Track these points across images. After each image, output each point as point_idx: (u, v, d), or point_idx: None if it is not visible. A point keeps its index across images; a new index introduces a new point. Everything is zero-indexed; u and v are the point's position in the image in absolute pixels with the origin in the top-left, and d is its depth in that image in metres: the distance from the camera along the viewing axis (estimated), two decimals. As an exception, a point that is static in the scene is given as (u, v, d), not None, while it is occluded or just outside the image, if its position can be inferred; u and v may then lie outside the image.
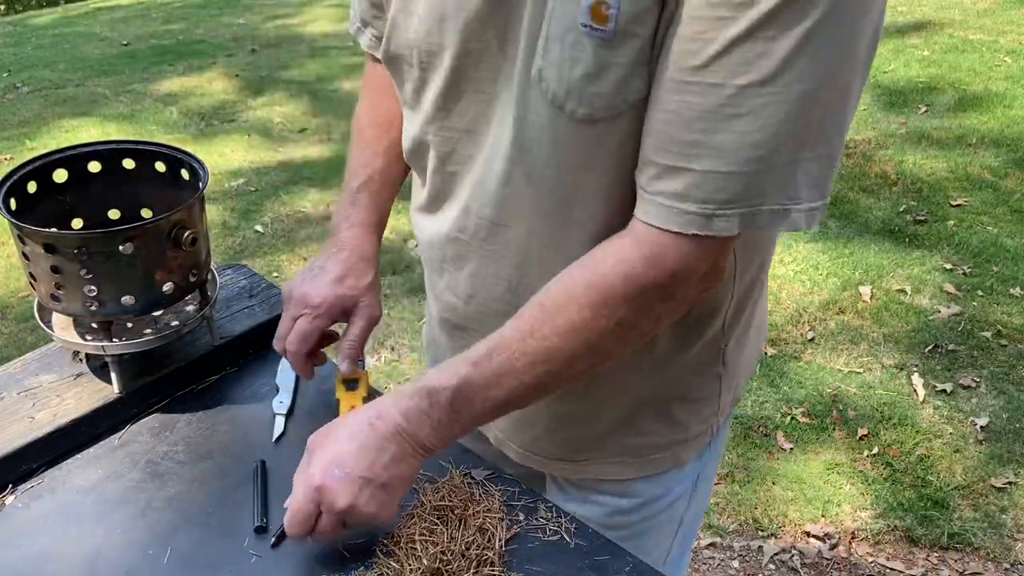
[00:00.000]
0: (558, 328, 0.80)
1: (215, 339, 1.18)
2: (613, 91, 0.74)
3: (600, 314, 0.79)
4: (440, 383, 0.84)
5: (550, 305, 0.81)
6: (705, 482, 1.16)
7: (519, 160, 0.83)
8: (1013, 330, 2.87)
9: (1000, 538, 2.14)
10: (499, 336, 0.83)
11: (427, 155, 0.95)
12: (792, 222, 0.73)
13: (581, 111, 0.76)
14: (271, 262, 3.44)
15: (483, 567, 0.88)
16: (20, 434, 1.03)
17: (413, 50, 0.87)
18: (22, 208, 1.07)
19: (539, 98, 0.78)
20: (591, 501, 1.11)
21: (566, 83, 0.75)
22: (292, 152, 4.44)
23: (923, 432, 2.46)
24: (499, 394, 0.84)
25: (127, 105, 5.16)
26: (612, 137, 0.78)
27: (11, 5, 10.69)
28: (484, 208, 0.90)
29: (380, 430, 0.85)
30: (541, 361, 0.81)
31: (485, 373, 0.83)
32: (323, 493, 0.84)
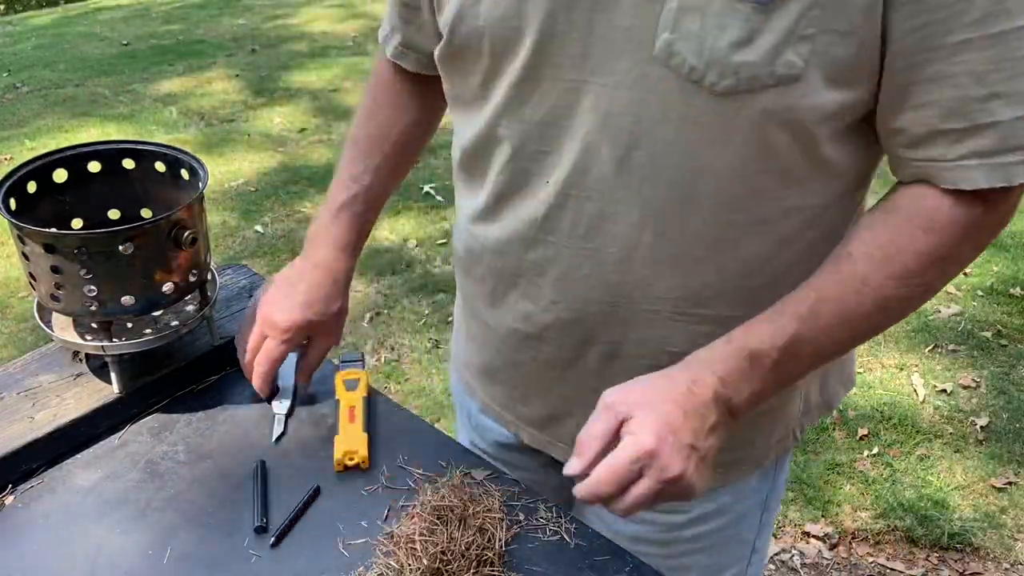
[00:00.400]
0: (896, 273, 0.78)
1: (215, 339, 1.18)
2: (762, 61, 0.71)
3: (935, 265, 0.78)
4: (764, 343, 0.79)
5: (880, 254, 0.78)
6: (775, 503, 1.11)
7: (637, 145, 0.79)
8: (1013, 330, 2.87)
9: (1000, 538, 2.14)
10: (815, 290, 0.79)
11: (492, 154, 0.90)
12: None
13: (723, 83, 0.73)
14: (271, 262, 3.44)
15: (483, 567, 0.88)
16: (20, 434, 1.03)
17: (484, 37, 0.83)
18: (22, 208, 1.07)
19: (666, 75, 0.74)
20: (641, 519, 1.05)
21: (708, 53, 0.72)
22: (292, 152, 4.44)
23: (923, 432, 2.46)
24: (825, 349, 0.81)
25: (127, 105, 5.15)
26: (751, 112, 0.74)
27: (11, 5, 10.69)
28: (586, 203, 0.84)
29: (700, 396, 0.78)
30: (878, 309, 0.79)
31: (814, 328, 0.79)
32: (657, 458, 0.75)
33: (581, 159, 0.83)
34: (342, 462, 1.02)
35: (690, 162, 0.78)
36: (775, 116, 0.75)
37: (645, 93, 0.76)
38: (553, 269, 0.90)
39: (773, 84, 0.72)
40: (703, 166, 0.78)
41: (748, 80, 0.72)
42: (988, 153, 0.73)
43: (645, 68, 0.75)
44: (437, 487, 0.97)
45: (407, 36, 1.03)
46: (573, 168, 0.83)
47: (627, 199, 0.82)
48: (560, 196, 0.86)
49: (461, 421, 1.26)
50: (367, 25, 6.68)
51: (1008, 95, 0.70)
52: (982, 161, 0.73)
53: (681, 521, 1.06)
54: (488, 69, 0.85)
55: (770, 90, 0.73)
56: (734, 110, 0.74)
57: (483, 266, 0.99)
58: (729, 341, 0.80)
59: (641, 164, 0.80)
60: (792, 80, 0.72)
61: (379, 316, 3.08)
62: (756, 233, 0.83)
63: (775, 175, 0.80)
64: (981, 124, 0.72)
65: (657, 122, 0.77)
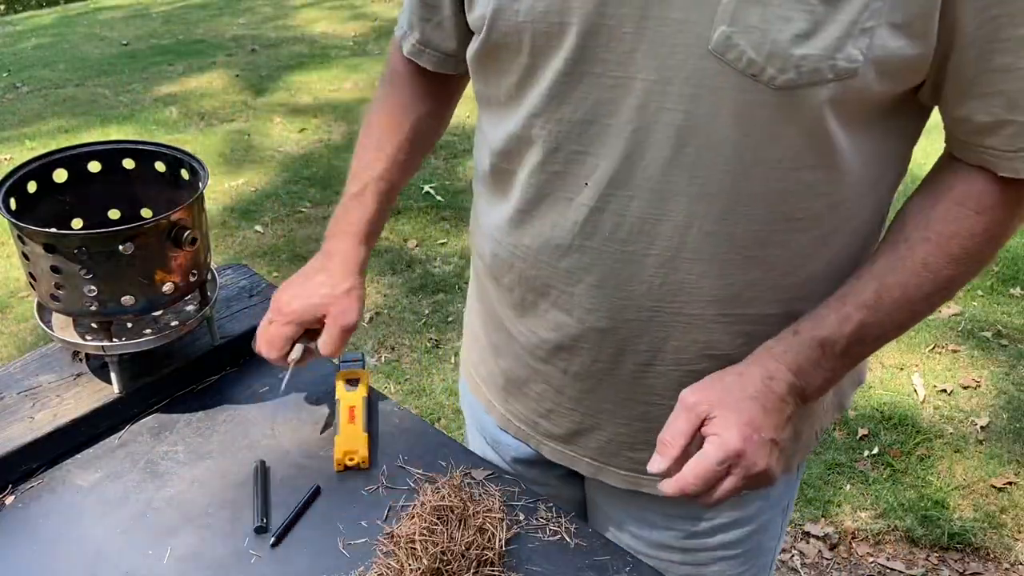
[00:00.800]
0: (954, 255, 0.80)
1: (215, 339, 1.18)
2: (824, 54, 0.70)
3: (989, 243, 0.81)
4: (834, 332, 0.81)
5: (937, 238, 0.80)
6: (791, 508, 1.12)
7: (687, 142, 0.77)
8: (1013, 330, 2.87)
9: (1000, 538, 2.14)
10: (876, 278, 0.82)
11: (523, 157, 0.88)
12: None
13: (783, 77, 0.71)
14: (271, 262, 3.44)
15: (483, 567, 0.88)
16: (20, 434, 1.03)
17: (525, 33, 0.80)
18: (22, 208, 1.07)
19: (721, 70, 0.73)
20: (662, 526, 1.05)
21: (768, 47, 0.70)
22: (292, 152, 4.44)
23: (923, 432, 2.46)
24: (888, 332, 0.83)
25: (127, 105, 5.15)
26: (808, 107, 0.74)
27: (11, 5, 10.69)
28: (630, 203, 0.82)
29: (777, 390, 0.80)
30: (938, 290, 0.81)
31: (880, 314, 0.81)
32: (744, 458, 0.78)
33: (626, 158, 0.80)
34: (342, 462, 1.02)
35: (742, 158, 0.77)
36: (831, 110, 0.74)
37: (698, 88, 0.74)
38: (590, 276, 0.88)
39: (833, 78, 0.71)
40: (756, 161, 0.77)
41: (809, 74, 0.71)
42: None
43: (700, 63, 0.73)
44: (437, 487, 0.97)
45: (425, 34, 1.01)
46: (616, 168, 0.81)
47: (675, 197, 0.80)
48: (601, 198, 0.83)
49: (472, 434, 1.23)
50: (367, 26, 6.68)
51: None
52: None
53: (705, 528, 1.04)
54: (527, 67, 0.83)
55: (828, 84, 0.72)
56: (791, 105, 0.73)
57: (513, 274, 0.96)
58: (797, 332, 0.82)
59: (691, 161, 0.78)
60: (851, 74, 0.71)
61: (379, 316, 3.08)
62: (803, 229, 0.83)
63: (824, 168, 0.79)
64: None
65: (710, 118, 0.76)
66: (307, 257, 3.90)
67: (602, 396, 0.97)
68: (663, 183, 0.80)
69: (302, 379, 1.18)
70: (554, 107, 0.82)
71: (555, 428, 1.03)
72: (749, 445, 0.77)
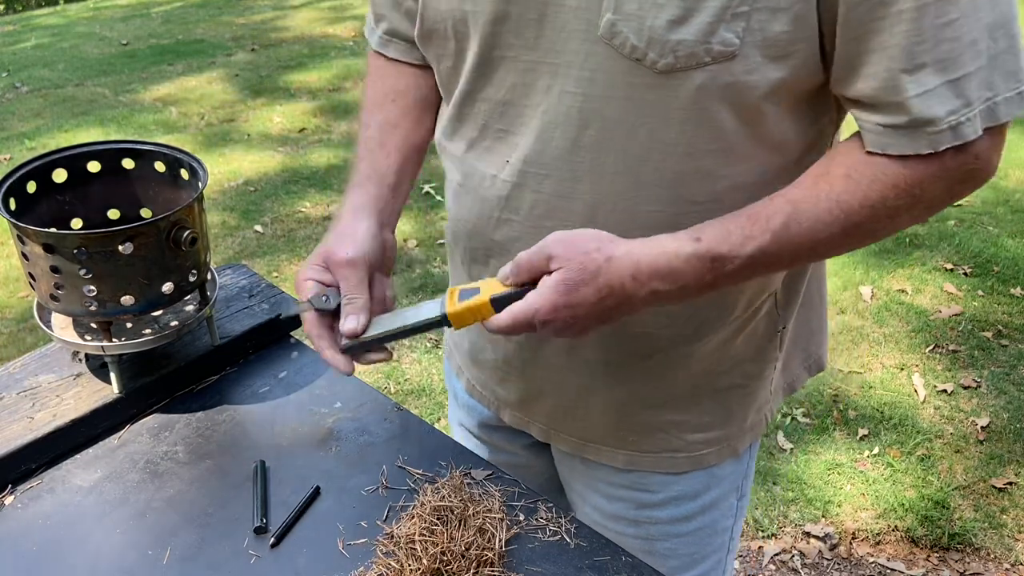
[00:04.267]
0: (871, 201, 0.78)
1: (215, 339, 1.18)
2: (698, 39, 0.74)
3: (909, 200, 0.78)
4: (732, 250, 0.80)
5: (858, 177, 0.78)
6: (745, 497, 1.14)
7: (587, 124, 0.82)
8: (1013, 330, 2.87)
9: (1001, 538, 2.14)
10: (791, 203, 0.80)
11: (461, 132, 0.93)
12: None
13: (663, 61, 0.75)
14: (271, 262, 3.44)
15: (483, 567, 0.88)
16: (19, 434, 1.03)
17: (447, 20, 0.86)
18: (22, 208, 1.07)
19: (610, 55, 0.77)
20: (614, 496, 1.10)
21: (647, 32, 0.74)
22: (292, 152, 4.44)
23: (924, 432, 2.46)
24: (781, 262, 0.83)
25: (127, 105, 5.15)
26: (692, 89, 0.77)
27: (11, 5, 10.68)
28: (544, 181, 0.87)
29: (631, 290, 0.81)
30: (844, 234, 0.80)
31: (782, 243, 0.80)
32: (546, 327, 0.83)
33: (538, 138, 0.85)
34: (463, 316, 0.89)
35: (637, 140, 0.81)
36: (716, 93, 0.77)
37: (592, 72, 0.79)
38: (519, 247, 0.89)
39: (710, 61, 0.75)
40: (651, 145, 0.81)
41: (686, 58, 0.75)
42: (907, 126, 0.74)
43: (592, 47, 0.78)
44: (437, 487, 0.97)
45: (393, 23, 1.05)
46: (531, 147, 0.86)
47: (581, 178, 0.85)
48: (520, 175, 0.88)
49: (450, 401, 1.30)
50: (367, 25, 6.67)
51: (933, 63, 0.72)
52: (912, 130, 0.74)
53: (655, 501, 1.09)
54: (455, 51, 0.89)
55: (708, 67, 0.75)
56: (675, 87, 0.77)
57: (460, 246, 1.01)
58: (699, 240, 0.80)
59: (592, 143, 0.83)
60: (729, 57, 0.75)
61: (379, 316, 3.08)
62: (708, 211, 0.84)
63: (721, 152, 0.82)
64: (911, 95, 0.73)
65: (604, 101, 0.80)
66: (307, 257, 3.89)
67: (544, 364, 1.02)
68: (570, 163, 0.85)
69: (305, 374, 1.18)
70: (480, 88, 0.88)
71: (509, 395, 1.10)
72: (557, 320, 0.82)
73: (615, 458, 1.07)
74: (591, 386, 1.02)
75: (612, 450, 1.06)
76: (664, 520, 1.09)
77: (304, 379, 1.18)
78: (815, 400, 2.59)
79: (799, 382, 1.12)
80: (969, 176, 0.79)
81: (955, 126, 0.73)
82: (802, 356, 1.11)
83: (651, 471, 1.06)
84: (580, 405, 1.04)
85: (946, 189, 0.78)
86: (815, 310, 1.11)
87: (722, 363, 1.00)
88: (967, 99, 0.73)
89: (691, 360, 0.98)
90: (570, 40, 0.79)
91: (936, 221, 3.50)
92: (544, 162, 0.86)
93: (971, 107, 0.73)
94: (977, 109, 0.73)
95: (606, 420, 1.04)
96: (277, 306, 1.26)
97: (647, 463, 1.06)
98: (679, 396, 1.01)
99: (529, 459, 1.21)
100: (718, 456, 1.06)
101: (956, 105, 0.73)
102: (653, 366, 0.98)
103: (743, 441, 1.07)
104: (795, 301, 1.02)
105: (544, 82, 0.82)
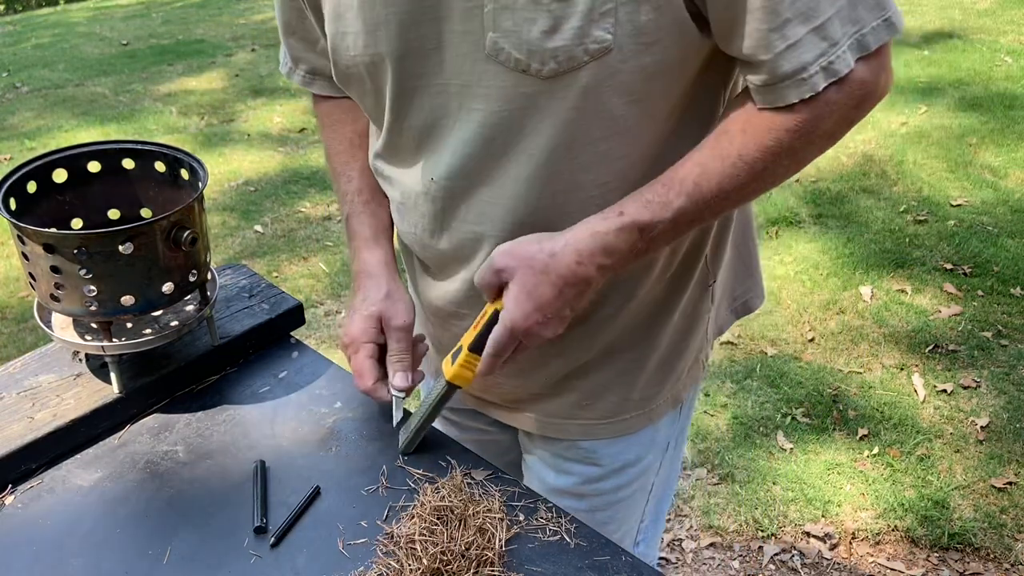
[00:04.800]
0: (767, 147, 0.83)
1: (215, 339, 1.18)
2: (573, 43, 0.79)
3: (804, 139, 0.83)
4: (655, 217, 0.86)
5: (753, 129, 0.83)
6: (677, 448, 1.21)
7: (494, 136, 0.87)
8: (1013, 330, 2.87)
9: (1000, 538, 2.14)
10: (699, 165, 0.85)
11: (395, 158, 0.99)
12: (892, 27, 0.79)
13: (547, 68, 0.80)
14: (271, 262, 3.44)
15: (483, 567, 0.88)
16: (20, 434, 1.03)
17: (359, 65, 0.92)
18: (22, 208, 1.07)
19: (499, 70, 0.82)
20: (564, 471, 1.16)
21: (526, 45, 0.80)
22: (292, 152, 4.44)
23: (923, 432, 2.46)
24: (704, 217, 0.88)
25: (127, 105, 5.16)
26: (581, 87, 0.82)
27: (11, 5, 10.68)
28: (468, 194, 0.93)
29: (583, 273, 0.87)
30: (754, 181, 0.85)
31: (698, 201, 0.85)
32: (528, 336, 0.89)
33: (454, 154, 0.91)
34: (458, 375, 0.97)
35: (539, 142, 0.87)
36: (603, 85, 0.82)
37: (488, 88, 0.85)
38: (465, 254, 0.98)
39: (589, 59, 0.80)
40: (552, 144, 0.86)
41: (566, 61, 0.80)
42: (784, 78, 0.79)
43: (485, 66, 0.83)
44: (437, 487, 0.97)
45: (311, 63, 1.11)
46: (449, 164, 0.92)
47: (499, 183, 0.91)
48: (446, 190, 0.94)
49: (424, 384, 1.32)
50: (367, 25, 6.67)
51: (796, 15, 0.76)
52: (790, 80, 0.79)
53: (602, 474, 1.14)
54: (374, 91, 0.94)
55: (590, 65, 0.80)
56: (563, 89, 0.82)
57: (415, 260, 1.09)
58: (622, 214, 0.87)
59: (500, 152, 0.88)
60: (605, 51, 0.79)
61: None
62: (618, 188, 0.90)
63: (617, 135, 0.87)
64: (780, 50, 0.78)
65: (505, 113, 0.85)
66: (307, 257, 3.90)
67: None
68: (486, 172, 0.90)
69: (305, 374, 1.18)
70: (404, 116, 0.93)
71: None
72: (532, 327, 0.88)
73: (570, 431, 1.11)
74: (542, 362, 1.06)
75: (565, 421, 1.11)
76: (608, 490, 1.16)
77: (304, 379, 1.18)
78: (815, 400, 2.59)
79: (727, 324, 1.19)
80: (860, 100, 0.83)
81: (826, 67, 0.78)
82: (728, 300, 1.17)
83: (607, 438, 1.11)
84: (533, 384, 1.09)
85: (841, 118, 0.83)
86: (741, 256, 1.16)
87: (658, 319, 1.05)
88: (832, 39, 0.77)
89: (624, 318, 1.03)
90: (465, 62, 0.84)
91: (936, 221, 3.50)
92: (464, 175, 0.92)
93: (838, 45, 0.77)
94: (845, 45, 0.78)
95: (557, 391, 1.09)
96: (277, 306, 1.26)
97: (602, 430, 1.11)
98: (620, 355, 1.06)
99: (495, 434, 1.25)
100: (664, 407, 1.12)
101: (823, 48, 0.77)
102: (591, 328, 1.03)
103: (685, 388, 1.13)
104: (722, 254, 1.08)
105: (455, 103, 0.88)
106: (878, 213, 3.59)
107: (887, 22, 0.79)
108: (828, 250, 3.33)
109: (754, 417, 2.53)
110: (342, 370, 1.20)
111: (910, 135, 4.23)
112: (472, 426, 1.27)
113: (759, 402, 2.59)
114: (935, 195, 3.71)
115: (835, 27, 0.77)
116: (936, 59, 5.13)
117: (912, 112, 4.48)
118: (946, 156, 4.02)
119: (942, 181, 3.81)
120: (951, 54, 5.20)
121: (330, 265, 3.43)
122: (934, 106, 4.53)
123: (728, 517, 2.23)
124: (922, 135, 4.22)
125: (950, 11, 6.03)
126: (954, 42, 5.39)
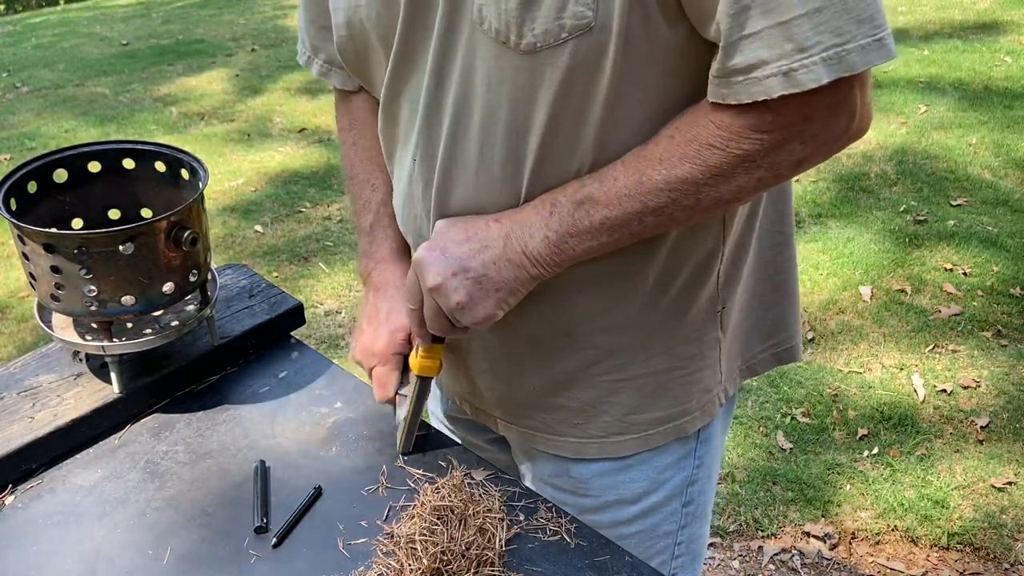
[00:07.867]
0: (689, 156, 0.79)
1: (215, 339, 1.18)
2: (550, 16, 0.76)
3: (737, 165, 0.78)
4: (563, 194, 0.86)
5: (680, 138, 0.80)
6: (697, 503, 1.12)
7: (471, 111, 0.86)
8: (1013, 330, 2.87)
9: (1000, 538, 2.14)
10: (621, 162, 0.84)
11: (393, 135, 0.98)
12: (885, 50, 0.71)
13: (524, 42, 0.78)
14: (271, 262, 3.44)
15: (483, 567, 0.88)
16: (20, 434, 1.03)
17: (371, 33, 0.92)
18: (22, 208, 1.07)
19: (484, 39, 0.81)
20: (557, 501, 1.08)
21: (504, 16, 0.77)
22: (292, 152, 4.44)
23: (923, 432, 2.46)
24: (617, 217, 0.84)
25: (127, 105, 5.16)
26: (559, 65, 0.79)
27: (11, 5, 10.68)
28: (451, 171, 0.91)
29: (492, 230, 0.88)
30: (671, 190, 0.81)
31: (608, 193, 0.83)
32: (419, 267, 0.89)
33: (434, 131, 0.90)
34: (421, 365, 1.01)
35: (517, 121, 0.84)
36: (583, 66, 0.78)
37: (473, 59, 0.83)
38: None
39: (569, 36, 0.77)
40: (529, 123, 0.84)
41: (543, 35, 0.77)
42: (734, 72, 0.73)
43: (471, 35, 0.82)
44: (437, 487, 0.97)
45: (330, 53, 1.07)
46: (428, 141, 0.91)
47: (482, 169, 0.89)
48: (426, 170, 0.93)
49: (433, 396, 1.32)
50: (367, 25, 6.67)
51: (757, 5, 0.70)
52: (746, 77, 0.73)
53: (595, 505, 1.09)
54: (384, 62, 0.93)
55: (569, 43, 0.77)
56: (544, 66, 0.79)
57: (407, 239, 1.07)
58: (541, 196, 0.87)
59: (477, 130, 0.86)
60: (585, 29, 0.76)
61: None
62: None
63: (602, 122, 0.83)
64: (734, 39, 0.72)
65: (484, 85, 0.83)
66: (307, 257, 3.89)
67: (480, 356, 1.06)
68: (462, 152, 0.88)
69: (305, 374, 1.18)
70: (393, 95, 0.93)
71: (459, 386, 1.14)
72: (426, 255, 0.88)
73: (562, 447, 1.07)
74: (523, 370, 1.03)
75: (558, 438, 1.07)
76: (605, 524, 1.08)
77: (304, 379, 1.18)
78: (815, 400, 2.59)
79: (763, 366, 1.12)
80: (820, 134, 0.75)
81: (787, 72, 0.71)
82: (761, 338, 1.10)
83: (598, 458, 1.06)
84: (518, 391, 1.05)
85: (796, 147, 0.76)
86: (785, 296, 1.10)
87: (652, 339, 0.99)
88: (800, 44, 0.70)
89: (612, 334, 0.98)
90: (454, 31, 0.83)
91: (936, 221, 3.50)
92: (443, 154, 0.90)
93: (806, 53, 0.70)
94: (818, 56, 0.70)
95: (546, 406, 1.05)
96: (277, 306, 1.26)
97: (593, 450, 1.06)
98: (608, 372, 1.01)
99: (495, 452, 1.22)
100: (664, 436, 1.05)
101: (786, 49, 0.70)
102: (577, 341, 0.99)
103: (692, 423, 1.05)
104: (736, 282, 1.02)
105: (431, 80, 0.87)
106: (878, 213, 3.59)
107: (879, 43, 0.70)
108: (828, 250, 3.33)
109: (754, 417, 2.53)
110: (342, 370, 1.20)
111: (910, 135, 4.24)
112: (472, 442, 1.24)
113: (759, 402, 2.59)
114: (935, 195, 3.71)
115: (804, 30, 0.69)
116: (936, 59, 5.13)
117: (912, 112, 4.48)
118: (946, 156, 4.02)
119: (942, 181, 3.81)
120: (951, 54, 5.20)
121: (330, 265, 3.43)
122: (934, 106, 4.53)
123: (728, 517, 2.23)
124: (922, 135, 4.22)
125: (950, 11, 6.03)
126: (954, 42, 5.39)
